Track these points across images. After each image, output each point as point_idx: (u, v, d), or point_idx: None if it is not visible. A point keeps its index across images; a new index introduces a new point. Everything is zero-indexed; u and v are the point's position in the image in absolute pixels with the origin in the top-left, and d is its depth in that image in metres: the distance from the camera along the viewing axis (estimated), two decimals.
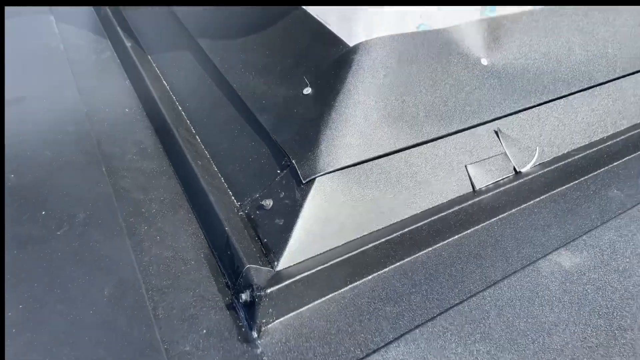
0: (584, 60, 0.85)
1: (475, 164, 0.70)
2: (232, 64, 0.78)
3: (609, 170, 0.77)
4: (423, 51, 0.73)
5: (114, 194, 0.63)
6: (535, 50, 0.82)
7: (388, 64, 0.70)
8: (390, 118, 0.67)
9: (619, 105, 0.84)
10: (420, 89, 0.71)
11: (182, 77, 0.84)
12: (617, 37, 0.89)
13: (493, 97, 0.75)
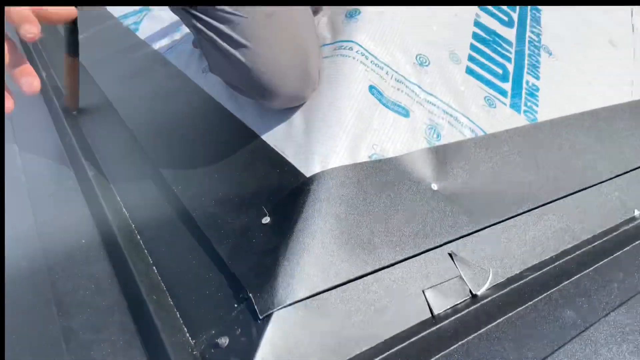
0: (527, 182, 0.91)
1: (432, 289, 0.71)
2: (193, 193, 0.80)
3: (561, 289, 0.79)
4: (376, 180, 0.77)
5: (62, 336, 0.60)
6: (481, 174, 0.87)
7: (343, 194, 0.73)
8: (347, 246, 0.68)
9: (564, 224, 0.89)
10: (375, 217, 0.73)
11: (143, 206, 0.85)
12: (556, 158, 0.97)
13: (445, 221, 0.78)
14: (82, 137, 1.09)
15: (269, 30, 0.77)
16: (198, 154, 0.90)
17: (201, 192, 0.80)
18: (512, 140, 0.96)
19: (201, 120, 0.99)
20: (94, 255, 0.76)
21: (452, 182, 0.84)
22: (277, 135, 0.83)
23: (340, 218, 0.70)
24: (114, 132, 1.07)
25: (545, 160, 0.96)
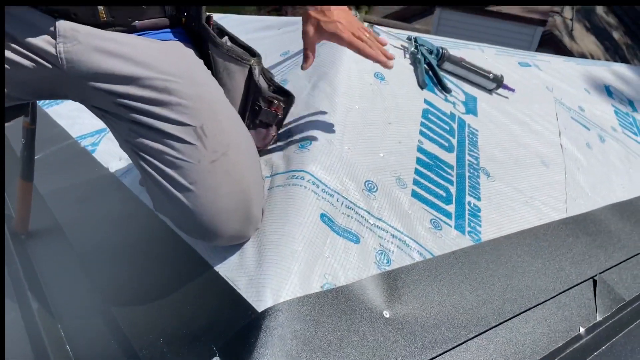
0: (475, 305, 0.93)
1: None
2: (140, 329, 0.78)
3: None
4: (329, 310, 0.78)
5: None
6: (431, 299, 0.89)
7: (295, 329, 0.73)
8: None
9: (513, 347, 0.91)
10: (328, 349, 0.73)
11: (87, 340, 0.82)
12: (501, 278, 1.01)
13: (397, 351, 0.79)
14: (29, 263, 1.06)
15: (212, 175, 0.80)
16: (148, 284, 0.89)
17: (149, 327, 0.78)
18: (459, 262, 1.00)
19: (153, 247, 0.99)
20: None
21: (403, 309, 0.85)
22: (229, 266, 0.84)
23: (292, 354, 0.70)
24: (62, 257, 1.05)
25: (490, 281, 1.00)
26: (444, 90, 1.45)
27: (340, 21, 0.92)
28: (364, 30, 0.96)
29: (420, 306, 0.87)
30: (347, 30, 0.93)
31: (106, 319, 0.83)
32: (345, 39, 0.93)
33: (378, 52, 0.96)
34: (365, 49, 0.94)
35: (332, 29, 0.92)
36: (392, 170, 1.09)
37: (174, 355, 0.72)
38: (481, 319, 0.91)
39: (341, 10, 0.94)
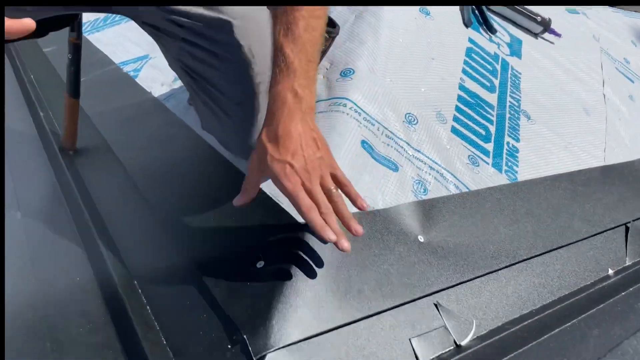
0: (507, 238, 0.95)
1: (418, 338, 0.74)
2: (189, 237, 0.83)
3: (540, 343, 0.82)
4: (367, 228, 0.81)
5: None
6: (464, 229, 0.92)
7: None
8: (339, 292, 0.71)
9: (543, 280, 0.93)
10: (366, 264, 0.77)
11: (138, 246, 0.87)
12: (535, 217, 1.02)
13: (431, 272, 0.82)
14: (79, 177, 1.12)
15: (258, 95, 0.82)
16: (195, 199, 0.92)
17: (198, 236, 0.82)
18: (494, 197, 1.01)
19: (199, 166, 1.02)
20: (89, 294, 0.77)
21: (437, 235, 0.88)
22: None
23: (333, 265, 0.73)
24: (111, 173, 1.10)
25: (524, 217, 1.01)
26: (489, 31, 1.41)
27: (292, 163, 0.65)
28: (328, 188, 0.67)
29: (454, 234, 0.89)
30: (294, 179, 0.65)
31: (155, 227, 0.88)
32: (287, 192, 0.65)
33: (327, 229, 0.64)
34: (309, 217, 0.64)
35: (274, 171, 0.66)
36: (432, 105, 1.09)
37: (221, 259, 0.76)
38: (513, 252, 0.93)
39: (308, 147, 0.66)
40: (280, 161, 0.66)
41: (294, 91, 0.67)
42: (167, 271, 0.79)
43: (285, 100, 0.67)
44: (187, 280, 0.75)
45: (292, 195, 0.65)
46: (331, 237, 0.64)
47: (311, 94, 0.70)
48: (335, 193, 0.68)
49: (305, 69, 0.69)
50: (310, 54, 0.70)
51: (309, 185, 0.65)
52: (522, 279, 0.91)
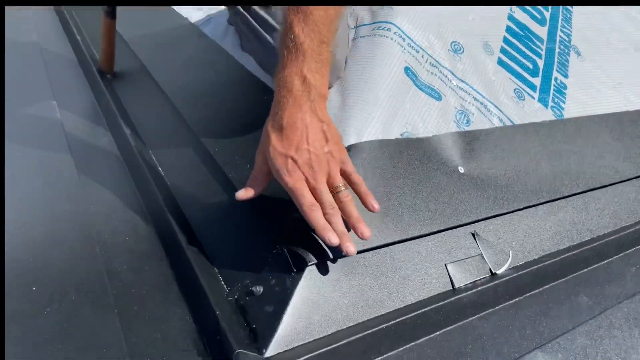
0: (550, 174, 0.93)
1: (454, 263, 0.74)
2: (228, 155, 0.83)
3: (577, 277, 0.82)
4: (407, 156, 0.80)
5: (105, 274, 0.63)
6: (506, 162, 0.90)
7: (376, 165, 0.76)
8: (377, 214, 0.71)
9: (583, 217, 0.92)
10: (404, 190, 0.76)
11: (178, 163, 0.88)
12: (579, 155, 0.99)
13: (470, 202, 0.81)
14: (117, 98, 1.13)
15: None
16: (233, 120, 0.92)
17: (236, 154, 0.83)
18: (538, 133, 0.98)
19: (237, 90, 1.01)
20: (132, 205, 0.79)
21: (478, 167, 0.86)
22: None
23: (372, 188, 0.73)
24: (149, 95, 1.10)
25: (568, 155, 0.98)
26: None
27: (295, 157, 0.60)
28: (335, 186, 0.62)
29: (495, 167, 0.88)
30: (296, 175, 0.60)
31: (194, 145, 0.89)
32: (287, 188, 0.61)
33: (329, 230, 0.59)
34: (310, 217, 0.59)
35: (276, 165, 0.61)
36: (480, 34, 1.05)
37: None
38: (554, 188, 0.91)
39: (315, 140, 0.61)
40: (282, 154, 0.60)
41: (303, 77, 0.61)
42: (207, 187, 0.80)
43: (292, 87, 0.62)
44: (227, 196, 0.76)
45: (292, 192, 0.60)
46: (332, 240, 0.58)
47: (322, 79, 0.63)
48: (343, 192, 0.62)
49: (316, 51, 0.62)
50: (323, 34, 0.63)
51: (313, 182, 0.60)
52: (562, 215, 0.89)
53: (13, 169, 0.83)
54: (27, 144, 0.92)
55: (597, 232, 0.92)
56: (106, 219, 0.74)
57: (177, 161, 0.88)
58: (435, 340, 0.65)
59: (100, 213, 0.75)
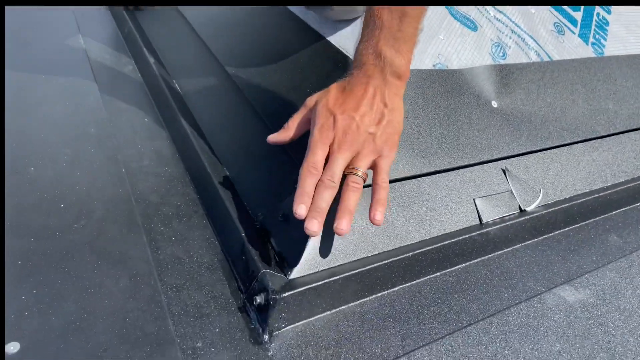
0: (586, 113, 0.89)
1: (483, 198, 0.72)
2: (253, 84, 0.81)
3: (609, 217, 0.80)
4: (439, 87, 0.77)
5: (132, 195, 0.63)
6: (541, 98, 0.86)
7: (406, 95, 0.73)
8: (406, 145, 0.69)
9: (618, 158, 0.88)
10: (435, 122, 0.74)
11: (201, 92, 0.87)
12: (618, 94, 0.95)
13: (501, 138, 0.78)
14: (141, 29, 1.10)
15: None
16: (261, 51, 0.90)
17: (262, 84, 0.81)
18: (577, 70, 0.93)
19: (265, 22, 0.98)
20: (157, 131, 0.79)
21: (512, 102, 0.83)
22: (342, 37, 0.83)
23: None
24: (173, 25, 1.08)
25: (606, 94, 0.94)
26: None
27: (338, 118, 0.55)
28: (354, 168, 0.55)
29: (530, 103, 0.84)
30: (326, 133, 0.54)
31: (218, 74, 0.87)
32: (310, 140, 0.55)
33: (303, 200, 0.52)
34: (302, 176, 0.53)
35: (317, 114, 0.56)
36: None
37: (287, 106, 0.74)
38: (590, 128, 0.88)
39: (367, 116, 0.55)
40: (329, 110, 0.56)
41: (377, 51, 0.56)
42: (234, 117, 0.79)
43: (365, 61, 0.57)
44: (253, 127, 0.75)
45: (309, 145, 0.55)
46: (298, 210, 0.51)
47: (401, 57, 0.57)
48: (357, 177, 0.55)
49: (396, 25, 0.56)
50: (407, 10, 0.56)
51: (335, 147, 0.54)
52: (596, 155, 0.86)
53: (39, 95, 0.82)
54: (52, 72, 0.92)
55: (632, 174, 0.89)
56: (131, 143, 0.74)
57: (201, 89, 0.87)
58: (459, 271, 0.64)
59: (125, 137, 0.75)
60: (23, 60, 0.91)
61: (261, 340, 0.49)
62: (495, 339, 0.53)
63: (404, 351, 0.50)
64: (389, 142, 0.57)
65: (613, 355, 0.53)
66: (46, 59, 0.95)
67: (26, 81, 0.84)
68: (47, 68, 0.92)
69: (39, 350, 0.43)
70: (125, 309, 0.48)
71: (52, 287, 0.49)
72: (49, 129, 0.74)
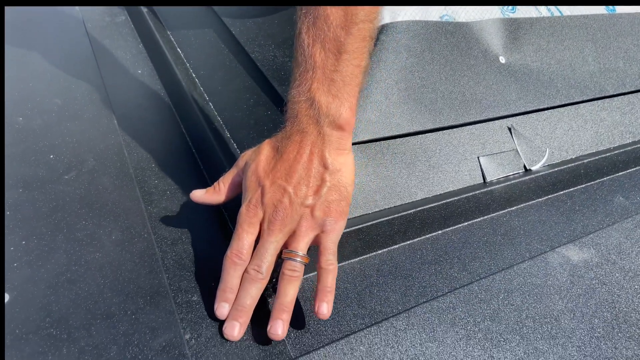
0: (596, 71, 0.86)
1: (487, 157, 0.70)
2: (251, 34, 0.78)
3: (615, 178, 0.78)
4: (445, 40, 0.74)
5: (124, 147, 0.61)
6: (550, 55, 0.83)
7: (411, 47, 0.70)
8: (410, 100, 0.66)
9: (627, 119, 0.86)
10: (440, 76, 0.71)
11: (197, 44, 0.83)
12: (629, 53, 0.91)
13: (508, 95, 0.75)
14: None
15: None
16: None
17: (261, 35, 0.77)
18: (588, 26, 0.89)
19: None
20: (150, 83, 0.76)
21: (520, 58, 0.80)
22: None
23: (406, 70, 0.68)
24: None
25: (617, 53, 0.90)
26: None
27: (266, 190, 0.46)
28: (290, 252, 0.46)
29: (538, 59, 0.81)
30: (253, 211, 0.46)
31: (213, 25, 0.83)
32: (238, 215, 0.46)
33: (226, 296, 0.44)
34: (226, 264, 0.45)
35: (245, 185, 0.48)
36: None
37: (284, 55, 0.71)
38: (599, 86, 0.85)
39: (301, 185, 0.46)
40: (257, 178, 0.47)
41: (311, 98, 0.46)
42: (230, 70, 0.76)
43: (298, 112, 0.47)
44: (251, 79, 0.72)
45: (235, 230, 0.46)
46: (218, 310, 0.44)
47: (340, 102, 0.46)
48: (295, 263, 0.45)
49: (331, 64, 0.46)
50: (342, 41, 0.45)
51: (265, 228, 0.45)
52: (605, 115, 0.84)
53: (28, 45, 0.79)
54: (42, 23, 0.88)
55: None
56: (123, 94, 0.71)
57: (196, 40, 0.83)
58: (462, 230, 0.63)
59: (116, 87, 0.72)
60: (12, 13, 0.87)
61: None
62: (498, 296, 0.52)
63: (404, 308, 0.49)
64: (333, 212, 0.47)
65: (617, 315, 0.52)
66: (37, 11, 0.91)
67: (16, 31, 0.81)
68: (38, 19, 0.88)
69: (29, 302, 0.42)
70: (117, 262, 0.47)
71: (41, 238, 0.47)
72: (38, 78, 0.71)
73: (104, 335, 0.40)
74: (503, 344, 0.47)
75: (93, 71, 0.74)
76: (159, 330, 0.42)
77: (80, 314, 0.41)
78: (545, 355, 0.46)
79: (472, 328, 0.48)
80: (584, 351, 0.48)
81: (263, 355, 0.42)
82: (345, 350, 0.44)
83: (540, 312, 0.51)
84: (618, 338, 0.50)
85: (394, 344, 0.45)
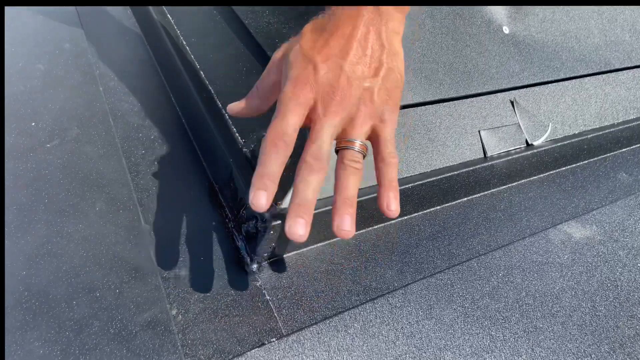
0: (602, 44, 0.83)
1: (488, 131, 0.68)
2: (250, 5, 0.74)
3: (618, 155, 0.76)
4: (447, 8, 0.71)
5: (109, 114, 0.58)
6: (555, 27, 0.80)
7: (411, 15, 0.67)
8: (409, 71, 0.64)
9: (632, 94, 0.83)
10: (442, 46, 0.68)
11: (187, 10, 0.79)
12: (636, 26, 0.88)
13: (512, 67, 0.73)
14: None
15: None
16: None
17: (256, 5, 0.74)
18: None
19: None
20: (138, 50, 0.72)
21: (525, 29, 0.77)
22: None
23: (405, 40, 0.65)
24: None
25: (625, 27, 0.88)
26: None
27: (319, 67, 0.39)
28: (349, 141, 0.40)
29: (543, 31, 0.78)
30: (304, 88, 0.39)
31: None
32: (277, 105, 0.40)
33: (266, 183, 0.38)
34: (265, 150, 0.39)
35: (289, 65, 0.41)
36: None
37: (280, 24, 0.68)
38: (604, 60, 0.82)
39: (361, 61, 0.40)
40: (305, 57, 0.40)
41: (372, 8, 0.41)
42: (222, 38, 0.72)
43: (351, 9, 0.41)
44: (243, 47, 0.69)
45: (278, 108, 0.39)
46: (257, 200, 0.37)
47: (399, 16, 0.43)
48: (354, 153, 0.40)
49: None
50: None
51: (320, 112, 0.39)
52: (609, 89, 0.81)
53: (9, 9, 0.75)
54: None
55: None
56: (109, 60, 0.68)
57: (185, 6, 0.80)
58: (461, 205, 0.61)
59: (102, 53, 0.69)
60: None
61: (249, 269, 0.46)
62: (497, 273, 0.50)
63: (401, 284, 0.48)
64: (391, 100, 0.41)
65: (619, 293, 0.51)
66: None
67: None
68: None
69: (7, 275, 0.39)
70: (101, 234, 0.44)
71: (21, 209, 0.45)
72: (19, 43, 0.67)
73: (86, 310, 0.38)
74: (502, 322, 0.45)
75: (79, 35, 0.71)
76: (144, 305, 0.40)
77: (61, 288, 0.39)
78: (545, 334, 0.45)
79: (470, 305, 0.46)
80: (585, 330, 0.46)
81: (253, 332, 0.40)
82: (339, 327, 0.42)
83: (541, 289, 0.49)
84: (620, 317, 0.48)
85: (389, 321, 0.44)
